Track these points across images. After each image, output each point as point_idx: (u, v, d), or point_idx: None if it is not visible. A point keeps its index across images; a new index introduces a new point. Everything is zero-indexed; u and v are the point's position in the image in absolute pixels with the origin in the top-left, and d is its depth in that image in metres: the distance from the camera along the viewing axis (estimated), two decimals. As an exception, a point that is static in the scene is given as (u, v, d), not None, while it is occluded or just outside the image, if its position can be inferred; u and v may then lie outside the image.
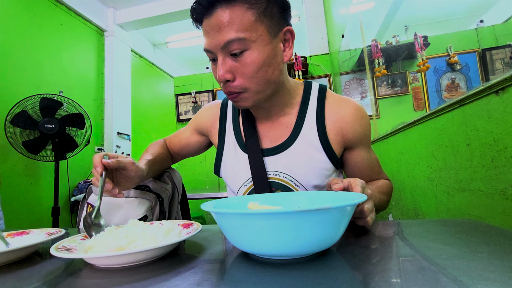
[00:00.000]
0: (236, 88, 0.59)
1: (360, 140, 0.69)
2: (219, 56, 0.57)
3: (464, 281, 0.26)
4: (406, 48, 3.03)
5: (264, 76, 0.59)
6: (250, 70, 0.57)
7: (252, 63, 0.56)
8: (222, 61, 0.57)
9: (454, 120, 0.85)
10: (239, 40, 0.55)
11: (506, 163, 0.64)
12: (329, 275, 0.29)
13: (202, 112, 0.83)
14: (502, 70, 3.00)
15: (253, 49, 0.56)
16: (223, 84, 0.60)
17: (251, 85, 0.59)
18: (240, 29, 0.55)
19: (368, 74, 2.72)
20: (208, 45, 0.58)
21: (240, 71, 0.57)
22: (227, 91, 0.60)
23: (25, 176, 2.25)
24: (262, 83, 0.60)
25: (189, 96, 3.60)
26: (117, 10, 3.30)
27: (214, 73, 0.62)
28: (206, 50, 0.59)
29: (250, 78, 0.58)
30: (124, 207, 0.68)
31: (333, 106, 0.69)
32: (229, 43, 0.55)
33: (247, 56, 0.56)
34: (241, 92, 0.60)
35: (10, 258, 0.42)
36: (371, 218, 0.47)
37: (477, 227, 0.45)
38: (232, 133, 0.74)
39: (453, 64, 3.08)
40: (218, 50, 0.57)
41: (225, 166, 0.74)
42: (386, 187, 0.71)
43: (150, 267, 0.36)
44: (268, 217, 0.32)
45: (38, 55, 2.43)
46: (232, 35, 0.54)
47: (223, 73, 0.57)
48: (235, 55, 0.56)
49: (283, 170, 0.67)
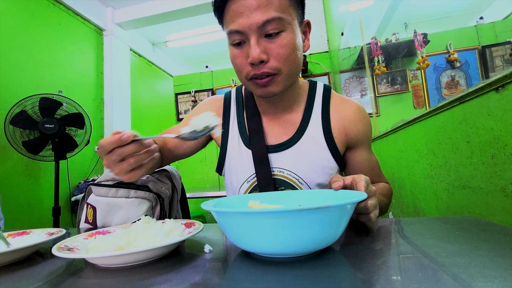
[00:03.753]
0: (271, 69, 0.57)
1: (362, 140, 0.70)
2: (253, 36, 0.56)
3: (464, 279, 0.26)
4: (405, 45, 3.02)
5: (296, 60, 0.59)
6: (286, 52, 0.57)
7: (288, 44, 0.56)
8: (256, 42, 0.55)
9: (454, 118, 0.85)
10: (278, 20, 0.54)
11: (506, 160, 0.64)
12: (329, 273, 0.29)
13: (205, 107, 0.78)
14: (502, 67, 2.99)
15: (288, 31, 0.56)
16: (255, 66, 0.57)
17: (284, 67, 0.58)
18: (279, 9, 0.55)
19: (367, 72, 2.72)
20: (240, 25, 0.56)
21: (275, 52, 0.56)
22: (261, 72, 0.58)
23: (25, 176, 2.25)
24: (294, 67, 0.60)
25: (188, 95, 3.59)
26: (115, 9, 3.29)
27: (235, 59, 0.60)
28: (235, 32, 0.57)
29: (284, 60, 0.57)
30: (124, 208, 0.68)
31: (337, 106, 0.70)
32: (268, 22, 0.54)
33: (284, 37, 0.56)
34: (274, 74, 0.58)
35: (11, 258, 0.42)
36: (374, 214, 0.47)
37: (477, 225, 0.45)
38: (236, 129, 0.73)
39: (453, 61, 3.08)
40: (253, 30, 0.55)
41: (229, 162, 0.73)
42: (386, 190, 0.71)
43: (151, 267, 0.36)
44: (269, 216, 0.32)
45: (37, 55, 2.43)
46: (272, 14, 0.54)
47: (259, 53, 0.55)
48: (270, 35, 0.56)
49: (287, 167, 0.67)
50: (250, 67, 0.58)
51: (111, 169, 0.46)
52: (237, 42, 0.58)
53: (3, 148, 2.05)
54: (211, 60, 4.98)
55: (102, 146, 0.43)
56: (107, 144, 0.43)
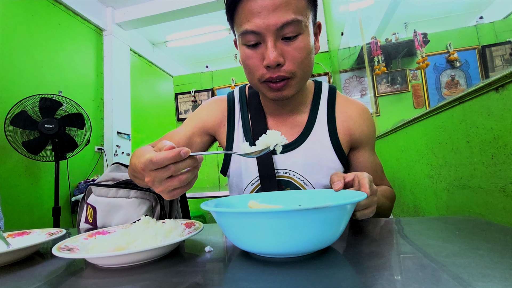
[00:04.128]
0: (286, 73, 0.56)
1: (366, 141, 0.71)
2: (270, 38, 0.54)
3: (464, 278, 0.26)
4: (405, 45, 3.03)
5: (310, 63, 0.59)
6: (302, 55, 0.56)
7: (304, 47, 0.55)
8: (273, 44, 0.54)
9: (454, 117, 0.85)
10: (297, 22, 0.53)
11: (506, 160, 0.64)
12: (329, 273, 0.29)
13: (208, 109, 0.75)
14: (502, 67, 2.99)
15: (305, 34, 0.55)
16: (271, 68, 0.56)
17: (299, 71, 0.57)
18: (297, 11, 0.53)
19: (367, 71, 2.72)
20: (257, 26, 0.53)
21: (291, 55, 0.55)
22: (276, 76, 0.57)
23: (25, 176, 2.25)
24: (307, 70, 0.59)
25: (188, 95, 3.59)
26: (115, 9, 3.29)
27: (248, 60, 0.58)
28: (250, 32, 0.54)
29: (300, 63, 0.56)
30: (124, 208, 0.68)
31: (342, 107, 0.71)
32: (286, 25, 0.52)
33: (301, 40, 0.55)
34: (289, 77, 0.57)
35: (11, 258, 0.42)
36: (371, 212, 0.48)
37: (477, 224, 0.45)
38: (241, 130, 0.72)
39: (452, 61, 3.08)
40: (270, 32, 0.53)
41: (234, 164, 0.72)
42: (389, 193, 0.71)
43: (151, 267, 0.36)
44: (268, 216, 0.32)
45: (37, 55, 2.43)
46: (291, 16, 0.52)
47: (276, 56, 0.54)
48: (287, 38, 0.54)
49: (293, 169, 0.67)
50: (264, 70, 0.57)
51: (154, 186, 0.41)
52: (253, 43, 0.56)
53: (3, 148, 2.05)
54: (211, 60, 4.98)
55: (156, 162, 0.38)
56: (164, 159, 0.38)
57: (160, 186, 0.41)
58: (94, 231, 0.49)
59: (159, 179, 0.40)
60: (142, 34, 4.09)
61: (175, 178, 0.40)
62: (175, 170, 0.40)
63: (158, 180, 0.40)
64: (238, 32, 0.58)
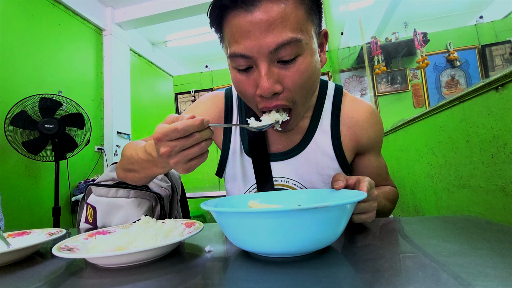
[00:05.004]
0: (285, 101, 0.49)
1: (373, 146, 0.67)
2: (263, 62, 0.45)
3: (464, 278, 0.26)
4: (405, 45, 3.03)
5: (313, 86, 0.51)
6: (302, 80, 0.47)
7: (305, 70, 0.47)
8: (268, 70, 0.45)
9: (454, 117, 0.85)
10: (295, 43, 0.44)
11: (506, 159, 0.64)
12: (329, 273, 0.29)
13: (205, 107, 0.70)
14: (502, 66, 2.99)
15: (306, 54, 0.47)
16: (266, 98, 0.48)
17: (300, 98, 0.50)
18: (295, 27, 0.44)
19: (367, 71, 2.72)
20: (247, 49, 0.45)
21: (289, 81, 0.47)
22: (273, 105, 0.49)
23: (25, 177, 2.25)
24: (309, 94, 0.52)
25: (188, 95, 3.59)
26: (115, 9, 3.29)
27: (240, 86, 0.50)
28: (239, 56, 0.46)
29: (300, 89, 0.48)
30: (124, 208, 0.68)
31: (349, 110, 0.65)
32: (282, 46, 0.44)
33: (301, 62, 0.46)
34: (289, 107, 0.50)
35: (11, 259, 0.42)
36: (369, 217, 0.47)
37: (477, 224, 0.45)
38: (238, 134, 0.67)
39: (452, 60, 3.08)
40: (263, 56, 0.45)
41: (229, 170, 0.68)
42: (392, 195, 0.68)
43: (151, 267, 0.36)
44: (268, 216, 0.32)
45: (36, 55, 2.42)
46: (287, 35, 0.43)
47: (271, 85, 0.46)
48: (285, 61, 0.46)
49: (291, 177, 0.63)
50: (259, 98, 0.49)
51: (170, 156, 0.40)
52: (244, 67, 0.48)
53: (3, 148, 2.05)
54: (211, 60, 4.98)
55: (181, 130, 0.37)
56: (190, 127, 0.37)
57: (177, 156, 0.40)
58: (94, 231, 0.49)
59: (179, 148, 0.39)
60: (142, 34, 4.09)
61: (196, 145, 0.40)
62: (199, 138, 0.39)
63: (177, 149, 0.39)
64: (226, 52, 0.49)
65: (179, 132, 0.38)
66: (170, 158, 0.40)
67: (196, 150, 0.40)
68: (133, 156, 0.52)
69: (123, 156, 0.58)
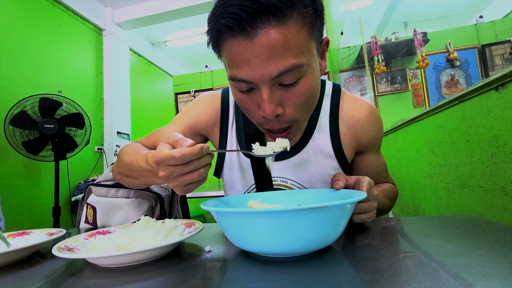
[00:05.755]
0: (287, 123, 0.50)
1: (373, 145, 0.67)
2: (264, 88, 0.45)
3: (464, 277, 0.26)
4: (405, 44, 3.03)
5: (314, 102, 0.51)
6: (304, 99, 0.47)
7: (307, 91, 0.47)
8: (270, 94, 0.45)
9: (454, 117, 0.85)
10: (297, 68, 0.43)
11: (506, 159, 0.64)
12: (329, 273, 0.29)
13: (201, 107, 0.69)
14: (502, 66, 2.99)
15: (308, 75, 0.46)
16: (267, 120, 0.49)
17: (300, 115, 0.50)
18: (297, 53, 0.43)
19: (367, 71, 2.72)
20: (248, 75, 0.44)
21: (291, 102, 0.47)
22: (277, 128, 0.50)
23: (25, 177, 2.25)
24: (310, 110, 0.52)
25: (188, 95, 3.60)
26: (115, 9, 3.29)
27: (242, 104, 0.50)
28: (240, 80, 0.45)
29: (301, 108, 0.49)
30: (124, 208, 0.68)
31: (348, 109, 0.64)
32: (284, 73, 0.43)
33: (303, 84, 0.46)
34: (290, 125, 0.51)
35: (11, 259, 0.42)
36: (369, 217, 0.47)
37: (477, 224, 0.45)
38: (235, 134, 0.67)
39: (452, 60, 3.08)
40: (264, 82, 0.44)
41: (227, 170, 0.68)
42: (392, 193, 0.68)
43: (151, 267, 0.36)
44: (268, 216, 0.32)
45: (36, 55, 2.42)
46: (289, 62, 0.42)
47: (273, 108, 0.46)
48: (286, 85, 0.46)
49: (290, 177, 0.63)
50: (262, 118, 0.49)
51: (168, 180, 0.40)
52: (246, 89, 0.47)
53: (3, 148, 2.05)
54: (210, 60, 4.98)
55: (179, 158, 0.37)
56: (188, 155, 0.37)
57: (175, 180, 0.40)
58: (94, 231, 0.49)
59: (177, 173, 0.39)
60: (142, 34, 4.09)
61: (194, 172, 0.40)
62: (197, 166, 0.39)
63: (175, 175, 0.39)
64: (227, 73, 0.49)
65: (176, 160, 0.38)
66: (168, 181, 0.40)
67: (195, 176, 0.40)
68: (133, 163, 0.51)
69: (120, 161, 0.58)
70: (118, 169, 0.59)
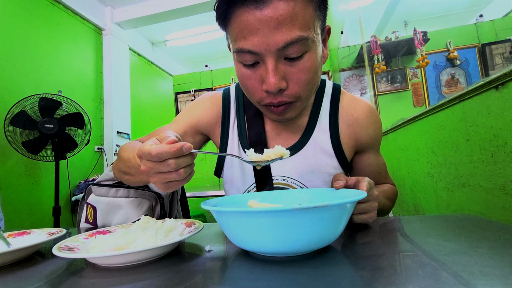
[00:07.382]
0: (289, 97, 0.50)
1: (372, 144, 0.67)
2: (270, 59, 0.46)
3: (464, 277, 0.26)
4: (405, 43, 3.03)
5: (317, 81, 0.52)
6: (308, 76, 0.49)
7: (311, 67, 0.48)
8: (275, 66, 0.46)
9: (454, 116, 0.85)
10: (303, 41, 0.45)
11: (506, 158, 0.64)
12: (329, 272, 0.29)
13: (203, 107, 0.69)
14: (502, 65, 2.99)
15: (312, 51, 0.48)
16: (272, 94, 0.49)
17: (304, 93, 0.51)
18: (304, 26, 0.45)
19: (367, 70, 2.72)
20: (255, 46, 0.45)
21: (295, 77, 0.48)
22: (278, 101, 0.51)
23: (26, 176, 2.25)
24: (313, 89, 0.53)
25: (188, 95, 3.59)
26: (115, 8, 3.28)
27: (245, 81, 0.51)
28: (247, 51, 0.47)
29: (305, 85, 0.50)
30: (124, 207, 0.68)
31: (348, 109, 0.65)
32: (290, 44, 0.45)
33: (307, 59, 0.47)
34: (293, 101, 0.51)
35: (11, 258, 0.42)
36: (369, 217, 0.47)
37: (477, 223, 0.45)
38: (236, 133, 0.67)
39: (452, 59, 3.08)
40: (271, 53, 0.46)
41: (228, 169, 0.68)
42: (391, 193, 0.68)
43: (151, 266, 0.36)
44: (268, 215, 0.32)
45: (36, 54, 2.42)
46: (296, 34, 0.44)
47: (278, 81, 0.47)
48: (291, 58, 0.47)
49: (291, 175, 0.63)
50: (264, 93, 0.50)
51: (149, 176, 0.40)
52: (251, 62, 0.48)
53: (3, 148, 2.05)
54: (210, 59, 4.98)
55: (155, 156, 0.36)
56: (164, 154, 0.36)
57: (154, 177, 0.39)
58: (94, 231, 0.49)
59: (155, 170, 0.38)
60: (142, 34, 4.08)
61: (173, 172, 0.38)
62: (177, 165, 0.37)
63: (154, 171, 0.38)
64: (233, 47, 0.50)
65: (152, 157, 0.37)
66: (149, 176, 0.40)
67: (174, 176, 0.38)
68: (130, 160, 0.51)
69: (120, 158, 0.58)
70: (117, 166, 0.59)
